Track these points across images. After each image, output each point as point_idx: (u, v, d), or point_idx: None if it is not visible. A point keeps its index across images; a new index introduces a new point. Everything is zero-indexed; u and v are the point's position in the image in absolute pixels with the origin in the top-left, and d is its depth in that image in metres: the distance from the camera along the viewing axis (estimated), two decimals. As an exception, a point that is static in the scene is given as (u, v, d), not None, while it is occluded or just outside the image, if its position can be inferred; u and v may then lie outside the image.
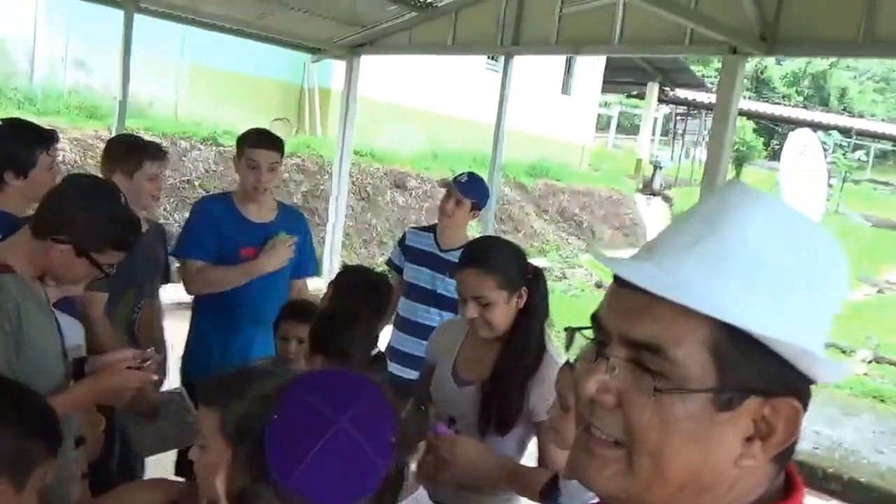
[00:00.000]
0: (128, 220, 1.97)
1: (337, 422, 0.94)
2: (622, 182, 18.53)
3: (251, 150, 3.17)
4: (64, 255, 1.86)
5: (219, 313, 3.24)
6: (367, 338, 2.30)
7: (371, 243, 11.04)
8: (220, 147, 9.80)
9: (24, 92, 9.57)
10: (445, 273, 3.60)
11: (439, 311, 3.61)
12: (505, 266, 2.18)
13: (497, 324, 2.17)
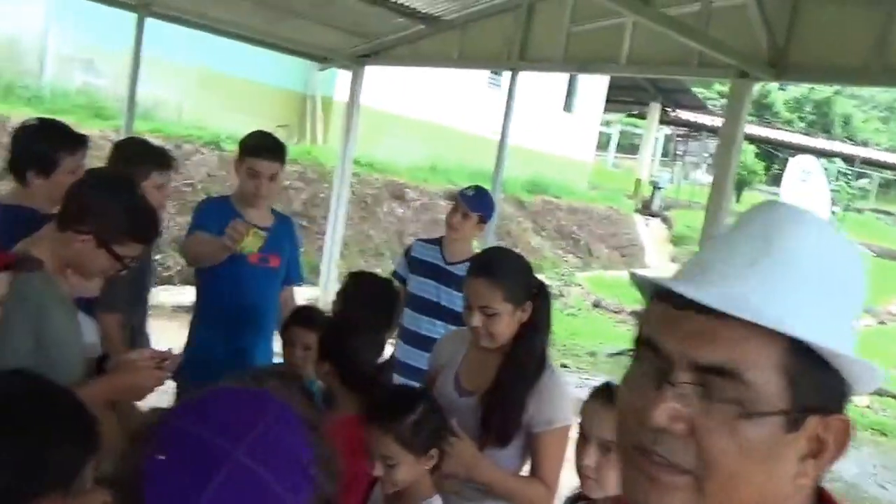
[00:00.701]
0: (148, 213, 2.02)
1: (229, 455, 0.75)
2: (621, 201, 18.60)
3: (252, 160, 3.13)
4: (85, 246, 1.91)
5: (220, 320, 3.22)
6: (374, 345, 2.34)
7: (368, 254, 11.06)
8: (223, 152, 9.85)
9: (34, 90, 9.63)
10: (451, 286, 3.64)
11: (444, 323, 3.63)
12: (513, 279, 2.22)
13: (499, 335, 2.21)
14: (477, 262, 2.34)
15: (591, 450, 1.74)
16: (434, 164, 14.15)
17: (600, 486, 1.75)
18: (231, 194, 3.37)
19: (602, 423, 1.73)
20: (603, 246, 16.20)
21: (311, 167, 10.97)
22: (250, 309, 3.22)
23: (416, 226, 12.06)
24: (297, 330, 2.78)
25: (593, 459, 1.74)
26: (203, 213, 3.27)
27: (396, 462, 1.92)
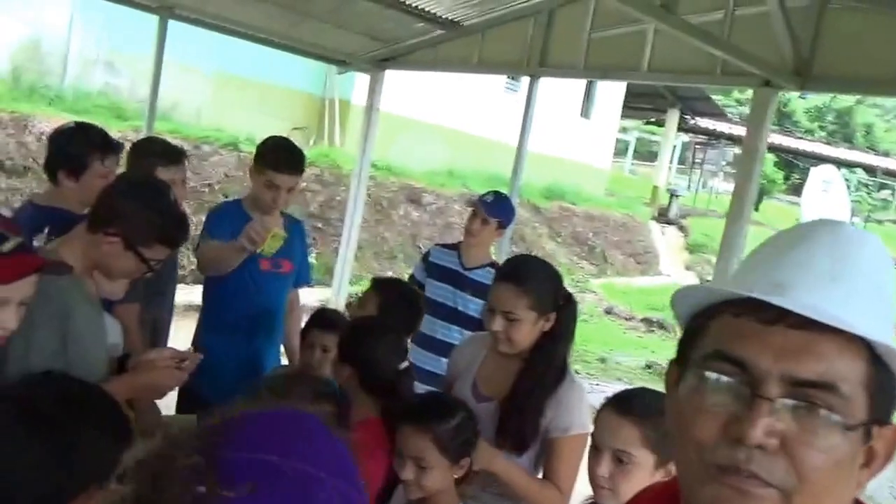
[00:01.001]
0: (176, 217, 2.05)
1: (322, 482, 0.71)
2: (637, 208, 18.54)
3: (272, 173, 3.06)
4: (113, 249, 1.94)
5: (230, 325, 3.19)
6: (395, 350, 2.32)
7: (382, 256, 11.08)
8: (241, 153, 9.91)
9: (56, 91, 9.73)
10: (467, 291, 3.65)
11: (460, 328, 3.63)
12: (540, 288, 2.23)
13: (519, 341, 2.22)
14: (505, 268, 2.36)
15: (604, 459, 1.73)
16: (450, 168, 14.16)
17: (615, 496, 1.73)
18: (243, 198, 3.34)
19: (616, 433, 1.72)
20: (618, 253, 16.14)
21: (328, 169, 11.01)
22: (261, 314, 3.20)
23: (432, 229, 12.08)
24: (317, 332, 2.78)
25: (607, 469, 1.72)
26: (215, 220, 3.23)
27: (429, 466, 1.92)
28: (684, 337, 0.84)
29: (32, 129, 8.07)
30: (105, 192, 2.05)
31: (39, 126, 8.12)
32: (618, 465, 1.71)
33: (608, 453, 1.73)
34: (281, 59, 9.33)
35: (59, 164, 2.66)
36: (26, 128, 8.05)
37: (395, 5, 6.37)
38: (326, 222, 10.47)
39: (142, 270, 2.01)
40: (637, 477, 1.69)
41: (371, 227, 10.97)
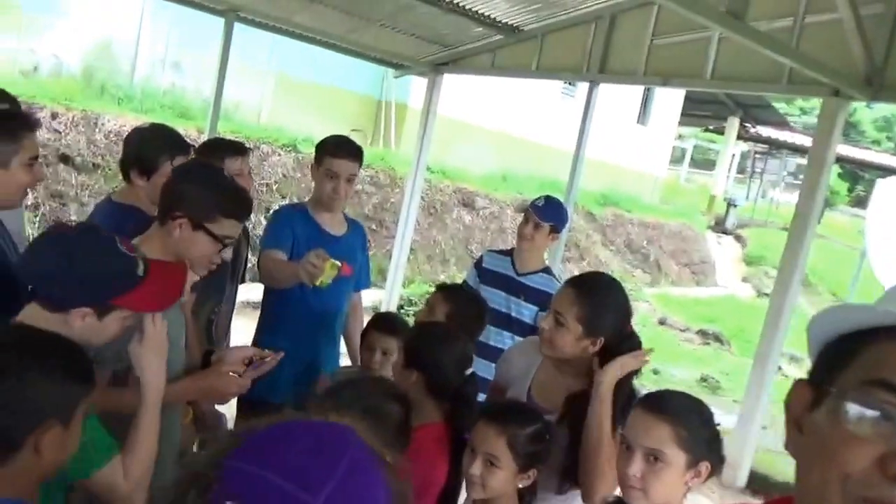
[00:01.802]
0: (232, 189, 2.09)
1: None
2: (694, 218, 18.23)
3: (330, 160, 3.10)
4: (184, 232, 2.00)
5: (291, 328, 3.18)
6: (463, 357, 2.31)
7: (434, 260, 11.12)
8: (299, 154, 10.04)
9: (125, 90, 10.02)
10: (521, 297, 3.59)
11: (513, 334, 3.57)
12: (598, 307, 2.18)
13: (559, 348, 2.18)
14: (578, 276, 2.35)
15: (636, 459, 1.70)
16: (505, 173, 14.14)
17: (645, 496, 1.70)
18: (307, 200, 3.37)
19: (648, 432, 1.70)
20: (673, 262, 15.90)
21: (383, 172, 11.09)
22: (322, 317, 3.21)
23: (484, 234, 12.06)
24: (377, 335, 2.78)
25: (639, 468, 1.69)
26: (278, 226, 3.23)
27: (499, 466, 1.92)
28: (827, 359, 0.79)
29: (102, 127, 8.32)
30: (165, 183, 2.12)
31: (108, 124, 8.36)
32: (649, 465, 1.68)
33: (640, 452, 1.70)
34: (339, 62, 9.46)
35: (132, 163, 2.72)
36: (96, 126, 8.29)
37: (454, 10, 6.40)
38: (380, 224, 10.55)
39: (217, 248, 2.05)
40: (668, 477, 1.68)
41: (424, 231, 11.01)
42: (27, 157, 2.09)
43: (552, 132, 14.70)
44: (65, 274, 1.60)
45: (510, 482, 1.96)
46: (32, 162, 2.12)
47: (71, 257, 1.60)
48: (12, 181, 2.08)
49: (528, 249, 3.67)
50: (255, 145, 9.33)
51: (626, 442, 1.74)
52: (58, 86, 8.96)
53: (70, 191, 7.69)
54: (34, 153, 2.13)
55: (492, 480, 1.94)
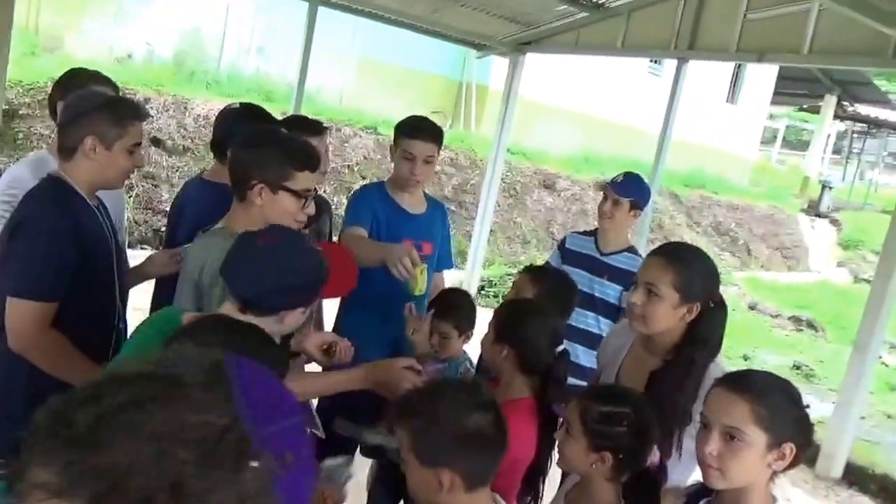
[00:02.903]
0: (297, 143, 2.16)
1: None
2: (785, 200, 17.54)
3: (407, 141, 3.07)
4: (266, 197, 2.06)
5: (372, 307, 3.16)
6: (554, 333, 2.28)
7: (515, 241, 11.05)
8: (380, 136, 10.12)
9: (213, 75, 10.31)
10: (604, 276, 3.53)
11: (596, 315, 3.53)
12: (691, 271, 2.11)
13: (653, 320, 2.11)
14: (662, 245, 2.29)
15: (713, 437, 1.64)
16: (587, 154, 13.91)
17: (723, 476, 1.64)
18: (386, 180, 3.34)
19: (728, 410, 1.63)
20: (763, 246, 15.36)
21: (463, 153, 11.07)
22: (404, 296, 3.11)
23: (566, 216, 11.92)
24: (434, 319, 2.74)
25: (716, 447, 1.63)
26: (358, 204, 3.23)
27: (573, 435, 1.85)
28: None
29: (191, 111, 8.58)
30: (231, 159, 2.18)
31: (197, 108, 8.62)
32: (727, 443, 1.62)
33: (717, 430, 1.64)
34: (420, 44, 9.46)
35: (222, 142, 2.77)
36: (186, 110, 8.56)
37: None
38: (460, 206, 10.55)
39: (300, 204, 2.11)
40: (747, 457, 1.61)
41: (504, 212, 10.95)
42: (130, 142, 2.20)
43: (636, 112, 14.37)
44: (280, 286, 1.72)
45: (583, 456, 1.84)
46: (134, 149, 2.22)
47: (283, 271, 1.73)
48: (113, 164, 2.18)
49: (610, 228, 3.58)
50: (336, 127, 9.45)
51: (704, 420, 1.68)
52: (150, 72, 9.28)
53: (161, 172, 7.97)
54: (137, 140, 2.23)
55: (567, 450, 1.86)
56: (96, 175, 2.19)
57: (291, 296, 1.76)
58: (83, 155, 2.15)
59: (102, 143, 2.15)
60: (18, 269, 2.09)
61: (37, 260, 2.08)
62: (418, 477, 1.56)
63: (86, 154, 2.14)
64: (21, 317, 2.08)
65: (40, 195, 2.15)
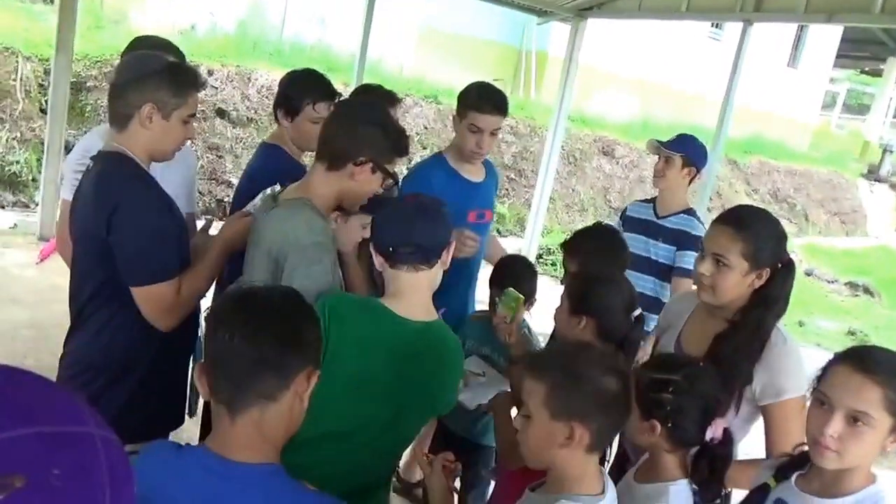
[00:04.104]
0: (400, 128, 2.13)
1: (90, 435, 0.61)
2: (845, 165, 16.73)
3: (474, 115, 2.85)
4: (364, 174, 2.00)
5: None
6: (630, 298, 2.20)
7: (573, 209, 10.75)
8: (440, 105, 9.89)
9: (275, 45, 10.16)
10: (659, 238, 3.42)
11: (652, 277, 3.41)
12: (759, 238, 2.00)
13: (722, 291, 2.01)
14: (728, 212, 2.15)
15: (836, 419, 1.53)
16: (645, 121, 13.43)
17: (841, 459, 1.54)
18: (445, 149, 3.14)
19: (857, 393, 1.51)
20: (822, 212, 14.71)
21: (523, 121, 10.75)
22: (466, 263, 3.04)
23: (623, 183, 11.54)
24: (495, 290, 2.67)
25: (838, 430, 1.52)
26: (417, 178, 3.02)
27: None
28: None
29: (255, 82, 8.45)
30: (333, 127, 2.04)
31: (261, 79, 8.49)
32: (850, 426, 1.52)
33: (841, 412, 1.53)
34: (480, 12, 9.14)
35: (279, 104, 2.73)
36: (249, 81, 8.44)
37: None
38: (519, 174, 10.27)
39: (386, 185, 2.10)
40: (870, 440, 1.52)
41: (563, 179, 10.64)
42: (187, 113, 2.03)
43: (695, 78, 13.80)
44: (444, 231, 1.88)
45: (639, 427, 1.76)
46: (189, 119, 2.05)
47: (438, 217, 1.88)
48: (170, 133, 2.01)
49: (665, 188, 3.46)
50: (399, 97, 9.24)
51: (822, 398, 1.56)
52: (213, 43, 9.17)
53: (226, 143, 7.89)
54: (193, 111, 2.07)
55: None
56: (153, 145, 2.01)
57: (448, 230, 1.89)
58: (139, 123, 1.96)
59: (161, 111, 1.96)
60: (136, 257, 1.95)
61: (149, 241, 1.95)
62: (543, 430, 1.55)
63: (142, 122, 1.96)
64: (159, 301, 1.97)
65: (121, 175, 1.97)
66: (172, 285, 1.98)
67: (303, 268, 1.86)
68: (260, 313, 1.33)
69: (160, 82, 1.95)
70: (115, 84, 2.00)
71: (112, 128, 2.03)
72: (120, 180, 1.96)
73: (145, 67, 1.98)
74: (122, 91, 1.97)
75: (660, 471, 1.79)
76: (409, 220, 1.84)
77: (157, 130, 1.98)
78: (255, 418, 1.29)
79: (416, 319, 1.84)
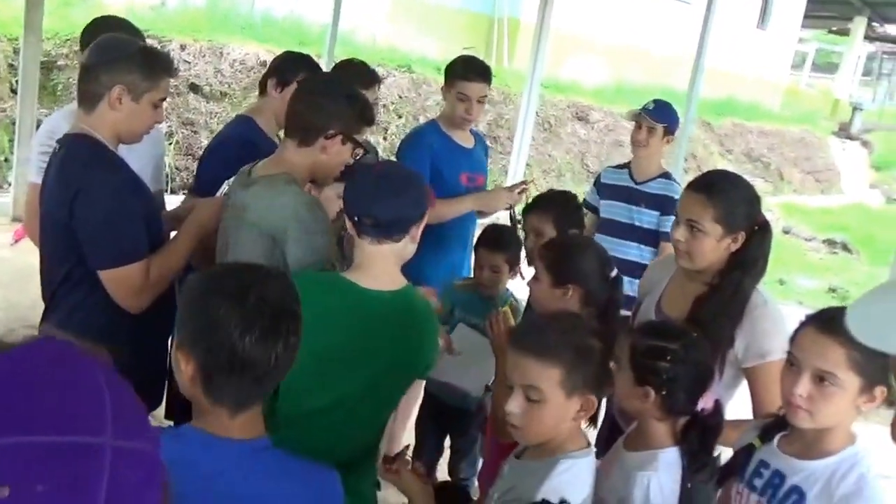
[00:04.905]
0: (366, 101, 2.14)
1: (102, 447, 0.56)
2: (816, 123, 16.80)
3: (461, 83, 3.07)
4: (335, 147, 2.02)
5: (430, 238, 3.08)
6: (603, 258, 2.20)
7: (550, 174, 10.71)
8: (413, 74, 9.75)
9: (246, 19, 9.94)
10: (641, 204, 3.47)
11: (638, 244, 3.47)
12: (731, 203, 2.01)
13: (699, 256, 2.02)
14: (699, 178, 2.17)
15: (804, 379, 1.55)
16: (619, 85, 13.37)
17: (812, 418, 1.56)
18: (438, 117, 3.32)
19: (821, 353, 1.54)
20: (795, 170, 14.78)
21: (497, 88, 10.63)
22: (459, 226, 3.19)
23: (600, 147, 11.51)
24: (485, 252, 2.69)
25: (806, 389, 1.55)
26: (414, 149, 3.17)
27: (621, 367, 1.76)
28: None
29: (227, 56, 8.26)
30: (299, 103, 2.05)
31: (233, 53, 8.29)
32: (818, 386, 1.54)
33: (809, 373, 1.55)
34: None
35: (272, 73, 2.75)
36: (222, 55, 8.25)
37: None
38: (495, 141, 10.19)
39: (357, 154, 2.10)
40: (838, 400, 1.54)
41: (539, 146, 10.58)
42: (157, 97, 2.05)
43: (667, 41, 13.73)
44: (409, 201, 1.78)
45: (631, 391, 1.74)
46: (160, 103, 2.07)
47: (405, 186, 1.78)
48: (139, 116, 2.03)
49: (645, 156, 3.52)
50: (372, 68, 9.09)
51: (792, 359, 1.60)
52: (184, 17, 8.94)
53: (200, 119, 7.74)
54: (164, 96, 2.09)
55: (616, 388, 1.76)
56: (122, 127, 2.02)
57: (417, 207, 1.79)
58: (108, 105, 1.97)
59: (131, 93, 1.97)
60: (99, 240, 1.95)
61: (112, 224, 1.94)
62: (559, 410, 1.59)
63: (111, 104, 1.97)
64: (125, 283, 1.96)
65: (84, 160, 1.98)
66: (140, 267, 1.97)
67: (306, 240, 1.89)
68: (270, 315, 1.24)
69: (132, 65, 1.97)
70: (85, 65, 2.02)
71: (80, 108, 2.03)
72: (81, 165, 1.97)
73: (118, 50, 2.00)
74: (93, 72, 1.98)
75: (649, 439, 1.77)
76: (370, 191, 1.78)
77: (126, 112, 1.99)
78: (256, 410, 1.30)
79: (380, 290, 1.79)
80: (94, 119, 1.99)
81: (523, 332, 1.78)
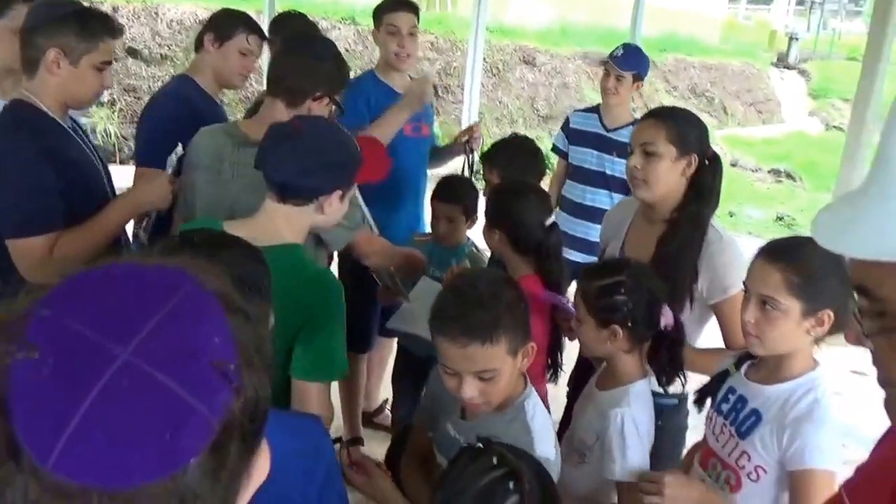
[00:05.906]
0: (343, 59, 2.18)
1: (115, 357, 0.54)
2: (756, 56, 16.88)
3: (390, 16, 2.96)
4: (321, 108, 2.05)
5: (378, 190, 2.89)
6: (540, 206, 2.20)
7: (503, 121, 10.60)
8: (358, 26, 9.48)
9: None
10: (613, 153, 3.43)
11: (609, 192, 3.45)
12: (682, 125, 2.05)
13: (656, 181, 2.03)
14: (649, 111, 2.22)
15: (751, 305, 1.61)
16: (563, 26, 13.20)
17: (762, 343, 1.62)
18: (375, 66, 3.17)
19: (763, 279, 1.59)
20: (738, 103, 14.88)
21: (443, 36, 10.42)
22: (407, 178, 3.09)
23: (549, 90, 11.40)
24: (439, 204, 2.65)
25: (753, 315, 1.60)
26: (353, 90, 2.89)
27: (582, 319, 1.82)
28: None
29: (164, 16, 7.90)
30: (289, 64, 2.08)
31: (170, 13, 7.94)
32: (763, 312, 1.59)
33: (754, 299, 1.61)
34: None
35: (209, 28, 2.65)
36: (157, 16, 7.88)
37: None
38: (446, 90, 10.03)
39: (334, 114, 2.12)
40: (783, 325, 1.58)
41: (489, 93, 10.44)
42: (99, 59, 1.96)
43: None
44: (315, 165, 1.64)
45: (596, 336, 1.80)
46: (103, 66, 1.99)
47: (321, 149, 1.66)
48: (81, 80, 1.95)
49: (616, 104, 3.48)
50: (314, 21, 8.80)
51: (745, 288, 1.66)
52: (115, -23, 8.49)
53: (143, 84, 7.43)
54: (107, 58, 2.00)
55: (582, 335, 1.85)
56: (63, 92, 1.93)
57: (328, 176, 1.67)
58: (46, 70, 1.89)
59: (67, 56, 1.89)
60: (4, 208, 1.88)
61: (19, 193, 1.85)
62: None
63: (48, 68, 1.89)
64: (25, 255, 1.88)
65: (7, 126, 1.89)
66: (43, 241, 1.88)
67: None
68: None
69: (66, 27, 1.90)
70: (23, 29, 1.92)
71: (24, 75, 1.95)
72: (2, 131, 1.89)
73: (53, 12, 1.93)
74: (30, 36, 1.90)
75: (619, 375, 1.82)
76: (279, 151, 1.66)
77: (66, 77, 1.91)
78: None
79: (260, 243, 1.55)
80: (34, 85, 1.92)
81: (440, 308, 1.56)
